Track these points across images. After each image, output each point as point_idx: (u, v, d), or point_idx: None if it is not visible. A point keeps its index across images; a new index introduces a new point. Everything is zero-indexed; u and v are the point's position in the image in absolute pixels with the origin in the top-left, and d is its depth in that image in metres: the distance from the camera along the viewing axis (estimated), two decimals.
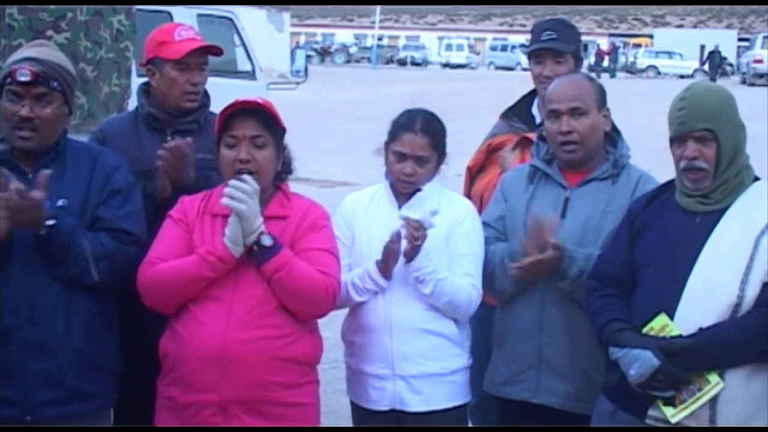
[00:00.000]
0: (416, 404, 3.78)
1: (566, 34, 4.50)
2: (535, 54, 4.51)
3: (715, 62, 35.72)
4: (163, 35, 4.07)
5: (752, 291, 3.21)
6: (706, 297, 3.23)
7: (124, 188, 3.62)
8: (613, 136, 3.95)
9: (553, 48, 4.44)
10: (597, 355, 3.54)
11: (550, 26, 4.50)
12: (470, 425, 4.75)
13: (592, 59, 56.14)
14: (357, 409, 3.95)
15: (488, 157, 4.59)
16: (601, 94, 3.87)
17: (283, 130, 3.59)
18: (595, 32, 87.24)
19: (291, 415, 3.46)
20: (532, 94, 4.63)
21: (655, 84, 39.74)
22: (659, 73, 54.71)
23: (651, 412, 3.27)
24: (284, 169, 3.65)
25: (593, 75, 4.13)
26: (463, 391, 3.89)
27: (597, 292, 3.49)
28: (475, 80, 43.23)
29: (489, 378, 3.98)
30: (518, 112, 4.64)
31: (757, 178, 3.44)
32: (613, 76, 52.63)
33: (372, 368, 3.81)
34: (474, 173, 4.62)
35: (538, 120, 4.53)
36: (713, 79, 35.79)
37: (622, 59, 61.42)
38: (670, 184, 3.51)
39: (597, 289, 3.49)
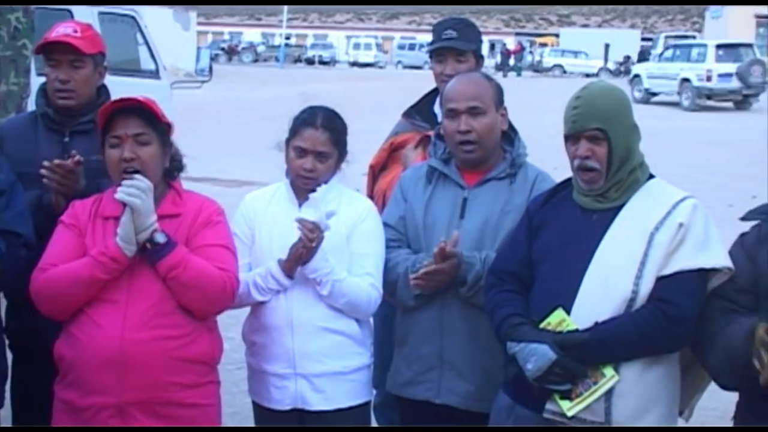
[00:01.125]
0: (318, 403, 3.77)
1: (467, 33, 4.53)
2: (437, 53, 4.53)
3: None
4: (48, 32, 4.00)
5: (646, 286, 3.26)
6: (602, 292, 3.28)
7: (5, 189, 3.55)
8: (510, 135, 3.98)
9: (455, 47, 4.47)
10: (497, 354, 3.55)
11: (451, 25, 4.52)
12: (375, 424, 4.78)
13: (498, 58, 56.78)
14: (259, 409, 3.92)
15: (391, 155, 4.60)
16: (499, 94, 3.89)
17: (168, 126, 3.56)
18: (502, 31, 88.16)
19: (191, 416, 3.43)
20: (434, 92, 4.65)
21: (560, 82, 40.26)
22: (565, 71, 55.48)
23: (548, 405, 3.30)
24: (174, 166, 3.62)
25: (500, 74, 4.15)
26: (365, 389, 3.90)
27: (495, 288, 3.52)
28: (383, 79, 43.33)
29: (391, 379, 3.98)
30: (420, 111, 4.65)
31: (651, 176, 3.50)
32: (519, 74, 53.25)
33: (273, 368, 3.79)
34: (377, 171, 4.63)
35: (440, 118, 4.55)
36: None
37: (528, 58, 62.15)
38: (568, 182, 3.56)
39: (495, 285, 3.52)
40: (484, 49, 4.85)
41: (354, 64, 66.40)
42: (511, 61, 58.16)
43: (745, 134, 22.79)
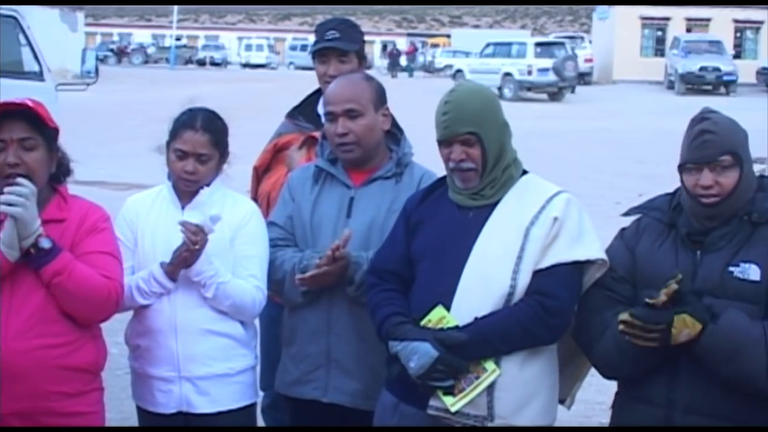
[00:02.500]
0: (203, 406, 3.75)
1: (350, 33, 4.54)
2: (320, 54, 4.53)
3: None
4: None
5: (524, 280, 3.32)
6: (481, 288, 3.33)
7: None
8: (396, 134, 4.00)
9: (337, 47, 4.48)
10: (384, 353, 3.57)
11: (334, 26, 4.53)
12: (263, 425, 4.77)
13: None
14: (143, 413, 3.88)
15: (274, 156, 4.59)
16: (379, 94, 3.90)
17: (55, 131, 3.49)
18: (394, 32, 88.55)
19: (72, 425, 3.38)
20: (318, 93, 4.65)
21: (452, 83, 40.64)
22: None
23: (432, 402, 3.33)
24: (61, 171, 3.55)
25: (391, 74, 4.16)
26: (250, 391, 3.88)
27: (376, 288, 3.53)
28: (275, 80, 43.17)
29: (279, 378, 3.98)
30: (304, 111, 4.65)
31: (525, 172, 3.56)
32: (411, 75, 53.50)
33: (158, 371, 3.76)
34: (261, 173, 4.61)
35: (324, 119, 4.56)
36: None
37: (420, 59, 62.56)
38: (444, 180, 3.59)
39: (376, 284, 3.54)
40: (377, 50, 4.86)
41: (246, 65, 65.98)
42: (403, 62, 58.51)
43: (627, 134, 23.30)
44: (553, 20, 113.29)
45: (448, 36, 72.81)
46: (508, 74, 35.30)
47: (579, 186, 15.11)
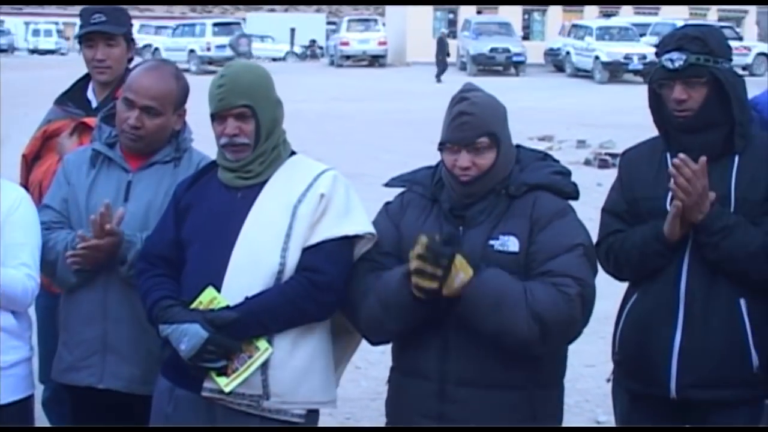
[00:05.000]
0: None
1: (116, 16, 4.46)
2: (86, 38, 4.45)
3: (444, 49, 36.51)
4: None
5: (293, 257, 3.36)
6: (251, 267, 3.35)
7: None
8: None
9: (104, 30, 4.40)
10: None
11: (99, 9, 4.44)
12: (45, 420, 4.67)
13: None
14: None
15: (44, 144, 4.46)
16: (183, 95, 3.86)
17: None
18: (188, 16, 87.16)
19: None
20: (87, 78, 4.56)
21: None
22: (252, 56, 55.59)
23: (206, 384, 3.33)
24: None
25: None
26: (25, 383, 3.77)
27: (146, 273, 3.51)
28: (65, 66, 41.74)
29: (55, 365, 3.89)
30: (73, 97, 4.55)
31: (293, 153, 3.59)
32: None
33: None
34: (30, 161, 4.48)
35: (94, 104, 4.48)
36: (442, 65, 36.83)
37: None
38: (214, 164, 3.60)
39: (146, 270, 3.51)
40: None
41: (34, 51, 63.74)
42: None
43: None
44: (349, 3, 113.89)
45: (243, 20, 72.24)
46: (192, 51, 40.84)
47: (372, 167, 15.31)
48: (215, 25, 42.89)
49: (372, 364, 6.48)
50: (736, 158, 3.49)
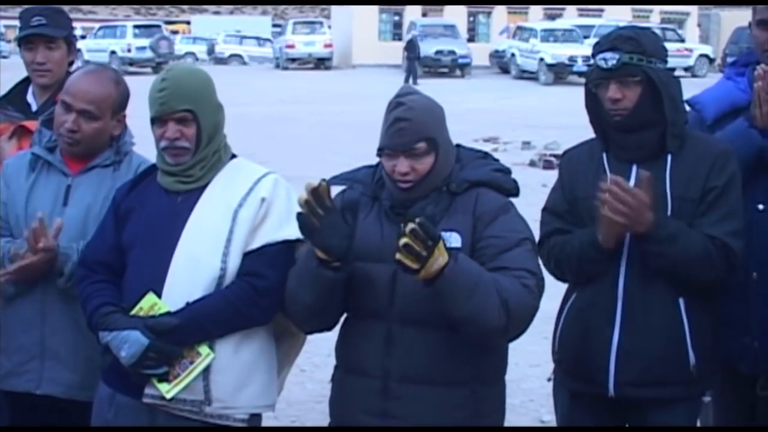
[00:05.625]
0: None
1: (56, 18, 4.42)
2: (26, 40, 4.40)
3: (414, 52, 36.28)
4: None
5: (234, 262, 3.35)
6: (191, 272, 3.33)
7: None
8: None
9: (44, 33, 4.36)
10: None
11: (39, 12, 4.39)
12: None
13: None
14: None
15: None
16: (123, 100, 3.82)
17: None
18: (132, 18, 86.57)
19: None
20: (26, 81, 4.52)
21: None
22: (197, 59, 55.32)
23: (147, 390, 3.31)
24: None
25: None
26: None
27: (86, 280, 3.48)
28: (7, 70, 41.36)
29: None
30: (13, 101, 4.49)
31: (234, 156, 3.58)
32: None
33: None
34: None
35: (34, 108, 4.44)
36: (412, 71, 36.60)
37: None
38: (154, 167, 3.58)
39: (86, 276, 3.49)
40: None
41: None
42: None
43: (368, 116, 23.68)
44: (294, 6, 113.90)
45: (188, 23, 71.85)
46: (113, 52, 41.78)
47: (317, 169, 15.24)
48: (136, 27, 44.16)
49: (317, 366, 6.48)
50: (669, 158, 3.54)
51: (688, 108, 3.90)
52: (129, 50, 42.04)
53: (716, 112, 3.92)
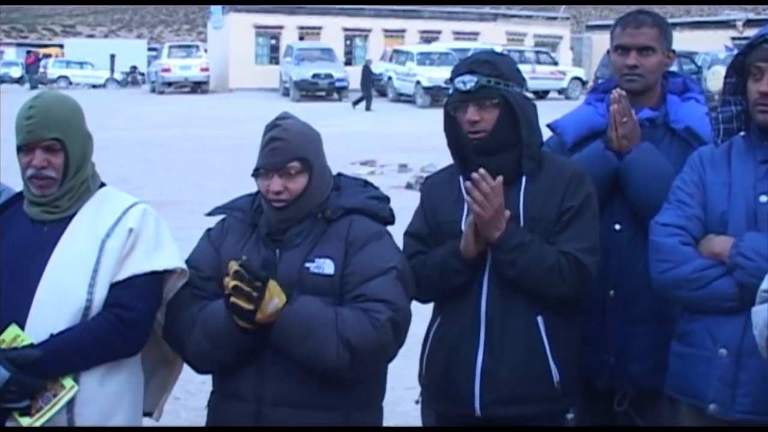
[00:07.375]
0: None
1: None
2: None
3: (369, 77, 35.80)
4: None
5: (101, 293, 3.31)
6: (57, 303, 3.28)
7: None
8: None
9: None
10: None
11: None
12: None
13: None
14: None
15: None
16: None
17: None
18: (2, 42, 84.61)
19: None
20: None
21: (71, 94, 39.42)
22: (71, 83, 54.39)
23: (9, 424, 3.24)
24: None
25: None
26: None
27: None
28: None
29: None
30: None
31: (103, 185, 3.54)
32: (35, 86, 50.67)
33: None
34: None
35: None
36: (367, 97, 36.06)
37: (42, 70, 59.90)
38: (20, 195, 3.52)
39: None
40: None
41: None
42: (17, 73, 55.98)
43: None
44: (170, 29, 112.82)
45: (61, 46, 70.59)
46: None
47: (194, 194, 15.21)
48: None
49: (192, 394, 6.41)
50: (524, 179, 3.62)
51: (549, 132, 4.02)
52: None
53: (576, 136, 4.03)
